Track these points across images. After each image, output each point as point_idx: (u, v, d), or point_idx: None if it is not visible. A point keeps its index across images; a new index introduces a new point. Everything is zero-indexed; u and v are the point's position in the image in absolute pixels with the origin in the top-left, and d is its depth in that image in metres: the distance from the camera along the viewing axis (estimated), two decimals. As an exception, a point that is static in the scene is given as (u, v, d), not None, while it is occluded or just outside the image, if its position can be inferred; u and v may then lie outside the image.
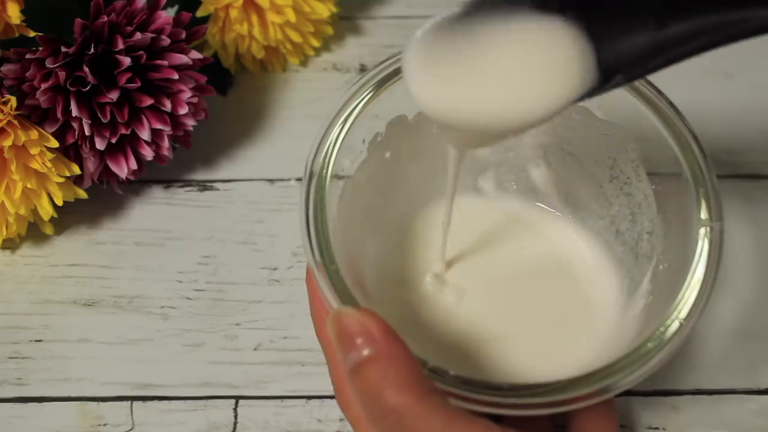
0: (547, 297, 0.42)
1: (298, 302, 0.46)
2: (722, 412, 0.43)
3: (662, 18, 0.29)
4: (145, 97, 0.44)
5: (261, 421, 0.43)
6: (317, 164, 0.36)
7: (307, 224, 0.35)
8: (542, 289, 0.42)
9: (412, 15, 0.57)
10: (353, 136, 0.37)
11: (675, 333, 0.33)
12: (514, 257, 0.43)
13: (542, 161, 0.43)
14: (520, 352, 0.40)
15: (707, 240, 0.35)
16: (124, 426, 0.43)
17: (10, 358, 0.45)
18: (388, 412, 0.29)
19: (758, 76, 0.54)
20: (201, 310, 0.46)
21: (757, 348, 0.45)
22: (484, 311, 0.41)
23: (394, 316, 0.37)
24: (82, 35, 0.43)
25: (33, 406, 0.43)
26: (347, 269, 0.35)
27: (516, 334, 0.40)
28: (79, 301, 0.46)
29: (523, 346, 0.40)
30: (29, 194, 0.44)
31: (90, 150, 0.45)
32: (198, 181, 0.50)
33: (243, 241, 0.48)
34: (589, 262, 0.43)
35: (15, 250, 0.48)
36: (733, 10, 0.29)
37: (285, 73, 0.55)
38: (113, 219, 0.49)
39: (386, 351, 0.30)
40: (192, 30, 0.47)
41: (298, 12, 0.51)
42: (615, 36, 0.30)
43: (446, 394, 0.31)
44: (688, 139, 0.37)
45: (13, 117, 0.42)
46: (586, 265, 0.43)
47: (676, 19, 0.29)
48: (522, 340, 0.40)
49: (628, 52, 0.30)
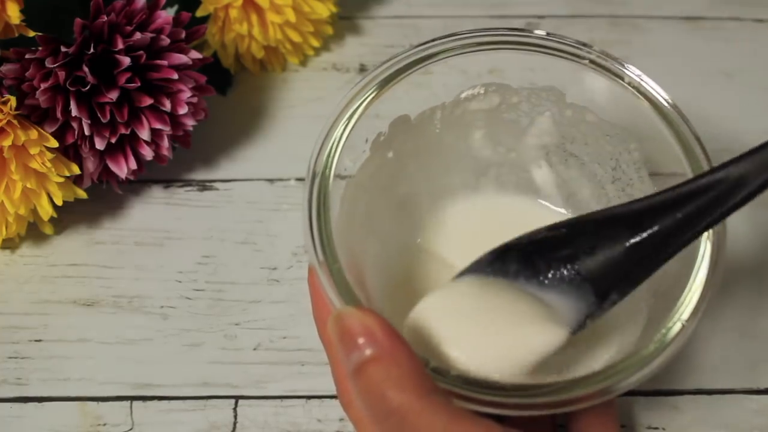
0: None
1: (298, 302, 0.46)
2: (722, 412, 0.43)
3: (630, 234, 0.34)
4: (144, 97, 0.44)
5: (261, 421, 0.43)
6: (320, 164, 0.36)
7: (310, 223, 0.35)
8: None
9: (412, 15, 0.57)
10: (356, 135, 0.37)
11: (677, 335, 0.33)
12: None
13: (544, 162, 0.43)
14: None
15: (709, 241, 0.35)
16: (123, 426, 0.43)
17: (10, 357, 0.45)
18: (391, 412, 0.29)
19: (758, 76, 0.55)
20: (201, 309, 0.46)
21: (757, 348, 0.45)
22: None
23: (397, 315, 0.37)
24: (82, 35, 0.43)
25: (32, 406, 0.43)
26: (350, 268, 0.35)
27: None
28: (78, 300, 0.46)
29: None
30: (29, 194, 0.44)
31: (90, 150, 0.44)
32: (198, 181, 0.50)
33: (243, 241, 0.48)
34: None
35: (15, 250, 0.48)
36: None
37: (285, 72, 0.55)
38: (113, 219, 0.49)
39: (388, 351, 0.30)
40: (192, 30, 0.47)
41: (298, 12, 0.51)
42: (598, 262, 0.35)
43: (448, 393, 0.31)
44: (690, 139, 0.37)
45: (13, 117, 0.42)
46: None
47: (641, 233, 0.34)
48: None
49: (612, 270, 0.35)
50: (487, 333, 0.34)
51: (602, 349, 0.38)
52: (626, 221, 0.34)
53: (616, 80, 0.39)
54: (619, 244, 0.34)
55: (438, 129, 0.41)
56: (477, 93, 0.41)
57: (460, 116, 0.41)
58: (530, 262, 0.36)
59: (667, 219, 0.33)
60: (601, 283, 0.35)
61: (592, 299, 0.35)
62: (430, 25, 0.56)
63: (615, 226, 0.35)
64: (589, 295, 0.35)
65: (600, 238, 0.35)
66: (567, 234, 0.36)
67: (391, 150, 0.40)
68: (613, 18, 0.58)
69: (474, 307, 0.35)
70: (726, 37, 0.57)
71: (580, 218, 0.37)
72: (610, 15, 0.58)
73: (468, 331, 0.34)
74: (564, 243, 0.36)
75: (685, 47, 0.56)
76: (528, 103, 0.41)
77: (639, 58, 0.51)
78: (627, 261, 0.34)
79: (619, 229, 0.34)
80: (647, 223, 0.34)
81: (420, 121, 0.40)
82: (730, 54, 0.56)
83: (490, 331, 0.34)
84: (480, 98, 0.41)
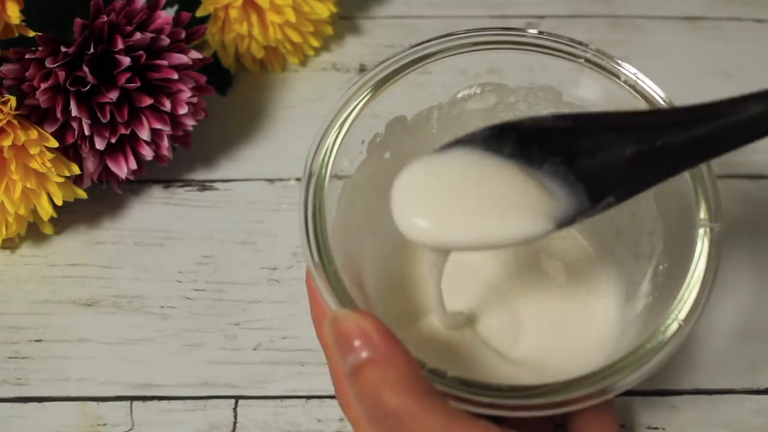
0: (547, 298, 0.42)
1: (298, 302, 0.46)
2: (722, 412, 0.43)
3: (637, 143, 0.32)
4: (144, 97, 0.44)
5: (261, 421, 0.43)
6: (316, 164, 0.36)
7: (306, 225, 0.35)
8: (541, 291, 0.42)
9: (411, 15, 0.57)
10: (352, 136, 0.37)
11: (674, 333, 0.33)
12: (513, 258, 0.43)
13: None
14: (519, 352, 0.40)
15: (707, 240, 0.35)
16: (123, 426, 0.43)
17: (10, 357, 0.45)
18: (388, 414, 0.29)
19: (758, 76, 0.55)
20: (200, 309, 0.46)
21: (757, 348, 0.45)
22: (482, 312, 0.41)
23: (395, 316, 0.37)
24: (82, 35, 0.43)
25: (32, 406, 0.43)
26: (346, 270, 0.35)
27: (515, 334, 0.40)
28: (78, 301, 0.46)
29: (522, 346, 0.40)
30: (29, 194, 0.44)
31: (90, 150, 0.44)
32: (198, 181, 0.50)
33: (243, 241, 0.48)
34: (589, 263, 0.43)
35: (15, 250, 0.48)
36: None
37: (285, 72, 0.55)
38: (113, 219, 0.49)
39: (384, 353, 0.30)
40: (192, 30, 0.47)
41: (298, 12, 0.51)
42: (597, 168, 0.33)
43: (445, 395, 0.31)
44: None
45: (13, 117, 0.42)
46: (586, 266, 0.43)
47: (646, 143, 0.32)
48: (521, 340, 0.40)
49: (611, 178, 0.33)
50: (465, 207, 0.33)
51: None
52: (635, 129, 0.33)
53: (613, 79, 0.39)
54: (622, 151, 0.32)
55: (435, 129, 0.41)
56: (474, 93, 0.41)
57: (457, 116, 0.41)
58: (526, 148, 0.34)
59: (677, 135, 0.32)
60: (596, 187, 0.33)
61: (584, 201, 0.33)
62: (429, 25, 0.56)
63: (622, 132, 0.33)
64: (581, 196, 0.33)
65: (604, 140, 0.33)
66: (572, 128, 0.34)
67: (388, 151, 0.40)
68: (613, 18, 0.58)
69: (457, 180, 0.34)
70: (726, 37, 0.57)
71: (590, 114, 0.35)
72: (610, 15, 0.58)
73: (445, 201, 0.33)
74: (566, 137, 0.34)
75: (685, 47, 0.56)
76: (525, 102, 0.41)
77: (639, 58, 0.52)
78: (628, 170, 0.33)
79: (626, 136, 0.33)
80: (656, 135, 0.32)
81: (417, 121, 0.40)
82: (730, 54, 0.56)
83: (469, 206, 0.33)
84: (477, 98, 0.41)
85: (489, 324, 0.41)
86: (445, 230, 0.33)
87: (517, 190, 0.33)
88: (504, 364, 0.39)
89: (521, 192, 0.33)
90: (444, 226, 0.33)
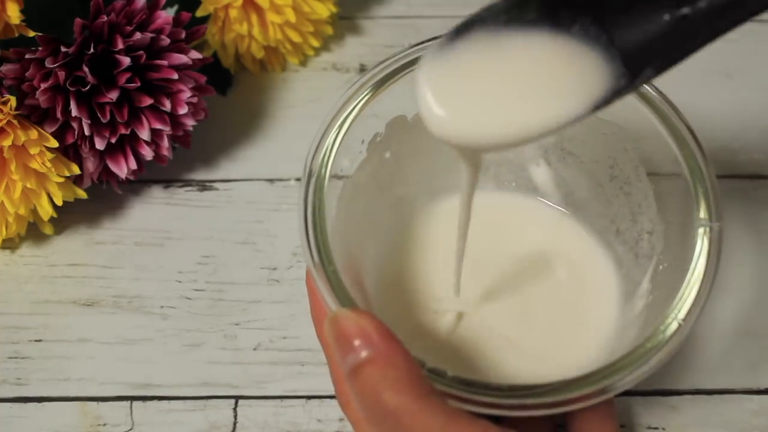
0: (547, 297, 0.42)
1: (298, 302, 0.46)
2: (721, 412, 0.43)
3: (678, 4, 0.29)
4: (144, 97, 0.44)
5: (261, 421, 0.43)
6: (316, 164, 0.36)
7: (306, 225, 0.35)
8: (542, 290, 0.42)
9: (411, 15, 0.57)
10: (352, 135, 0.37)
11: (674, 333, 0.33)
12: (513, 257, 0.43)
13: (542, 160, 0.43)
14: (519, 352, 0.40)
15: (707, 239, 0.35)
16: (123, 426, 0.43)
17: (10, 358, 0.45)
18: (387, 413, 0.29)
19: (758, 76, 0.54)
20: (200, 309, 0.46)
21: (757, 348, 0.45)
22: (482, 312, 0.41)
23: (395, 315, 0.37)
24: (82, 35, 0.43)
25: (32, 406, 0.43)
26: (346, 270, 0.35)
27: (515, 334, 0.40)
28: (78, 301, 0.46)
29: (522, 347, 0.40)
30: (29, 194, 0.44)
31: (90, 150, 0.44)
32: (197, 181, 0.50)
33: (243, 241, 0.48)
34: (589, 262, 0.43)
35: (15, 250, 0.48)
36: None
37: (285, 73, 0.55)
38: (113, 219, 0.49)
39: (384, 352, 0.30)
40: (192, 30, 0.47)
41: (298, 12, 0.51)
42: (632, 29, 0.29)
43: (445, 395, 0.31)
44: (688, 139, 0.37)
45: (13, 117, 0.42)
46: (586, 265, 0.43)
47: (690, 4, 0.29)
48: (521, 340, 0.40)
49: (648, 43, 0.29)
50: (490, 95, 0.30)
51: None
52: None
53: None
54: (660, 14, 0.29)
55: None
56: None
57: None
58: (553, 11, 0.30)
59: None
60: (632, 54, 0.30)
61: (621, 69, 0.30)
62: (430, 25, 0.56)
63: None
64: (617, 64, 0.30)
65: (639, 1, 0.29)
66: None
67: (389, 150, 0.40)
68: (613, 18, 0.57)
69: (482, 64, 0.31)
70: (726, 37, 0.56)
71: None
72: (611, 15, 0.58)
73: (468, 90, 0.31)
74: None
75: (685, 47, 0.56)
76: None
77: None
78: (666, 34, 0.29)
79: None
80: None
81: (417, 121, 0.40)
82: (730, 54, 0.56)
83: (494, 93, 0.30)
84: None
85: (496, 310, 0.41)
86: (475, 123, 0.30)
87: (547, 66, 0.30)
88: (503, 363, 0.39)
89: (551, 68, 0.30)
90: (475, 118, 0.30)
